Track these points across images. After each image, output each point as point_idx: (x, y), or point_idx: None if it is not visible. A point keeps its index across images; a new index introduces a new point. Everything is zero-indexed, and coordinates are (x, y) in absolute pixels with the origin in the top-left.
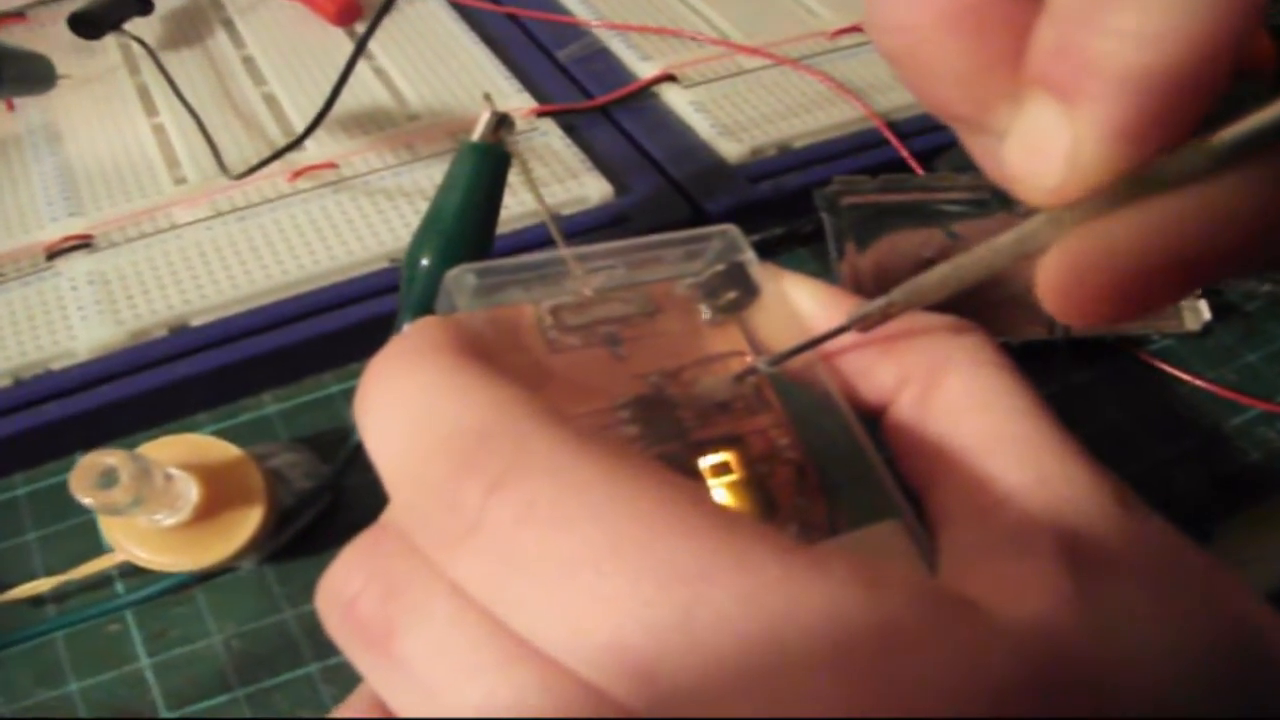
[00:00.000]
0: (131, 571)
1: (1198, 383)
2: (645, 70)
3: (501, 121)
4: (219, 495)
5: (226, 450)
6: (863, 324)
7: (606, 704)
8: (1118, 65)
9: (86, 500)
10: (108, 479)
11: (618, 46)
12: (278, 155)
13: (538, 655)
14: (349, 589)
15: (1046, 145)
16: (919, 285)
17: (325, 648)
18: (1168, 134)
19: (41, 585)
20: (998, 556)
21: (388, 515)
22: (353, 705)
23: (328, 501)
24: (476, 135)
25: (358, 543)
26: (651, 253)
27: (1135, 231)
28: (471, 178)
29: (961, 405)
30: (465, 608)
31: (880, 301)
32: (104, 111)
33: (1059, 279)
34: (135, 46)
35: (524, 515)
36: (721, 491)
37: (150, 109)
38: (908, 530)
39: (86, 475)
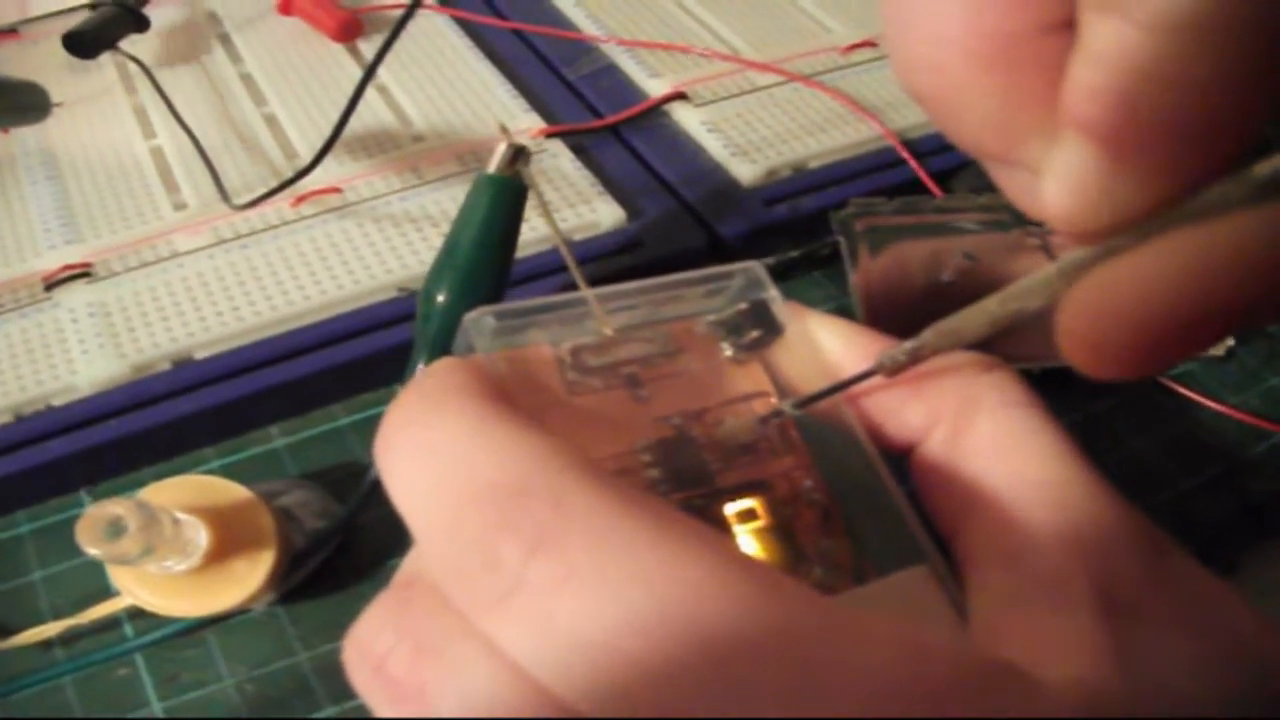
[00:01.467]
0: (141, 613)
1: (1221, 409)
2: (655, 88)
3: (518, 154)
4: (229, 539)
5: (236, 491)
6: (891, 369)
7: None
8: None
9: (94, 552)
10: (115, 529)
11: (626, 63)
12: (284, 186)
13: None
14: (379, 645)
15: (1087, 187)
16: (954, 329)
17: (340, 691)
18: (1208, 175)
19: (49, 630)
20: (1031, 607)
21: (414, 565)
22: None
23: (340, 541)
24: (493, 168)
25: (387, 596)
26: (672, 291)
27: (1169, 268)
28: (488, 212)
29: (992, 447)
30: (502, 668)
31: (910, 345)
32: (100, 134)
33: (1084, 326)
34: (131, 65)
35: (566, 578)
36: (748, 539)
37: (148, 131)
38: (936, 577)
39: (93, 526)
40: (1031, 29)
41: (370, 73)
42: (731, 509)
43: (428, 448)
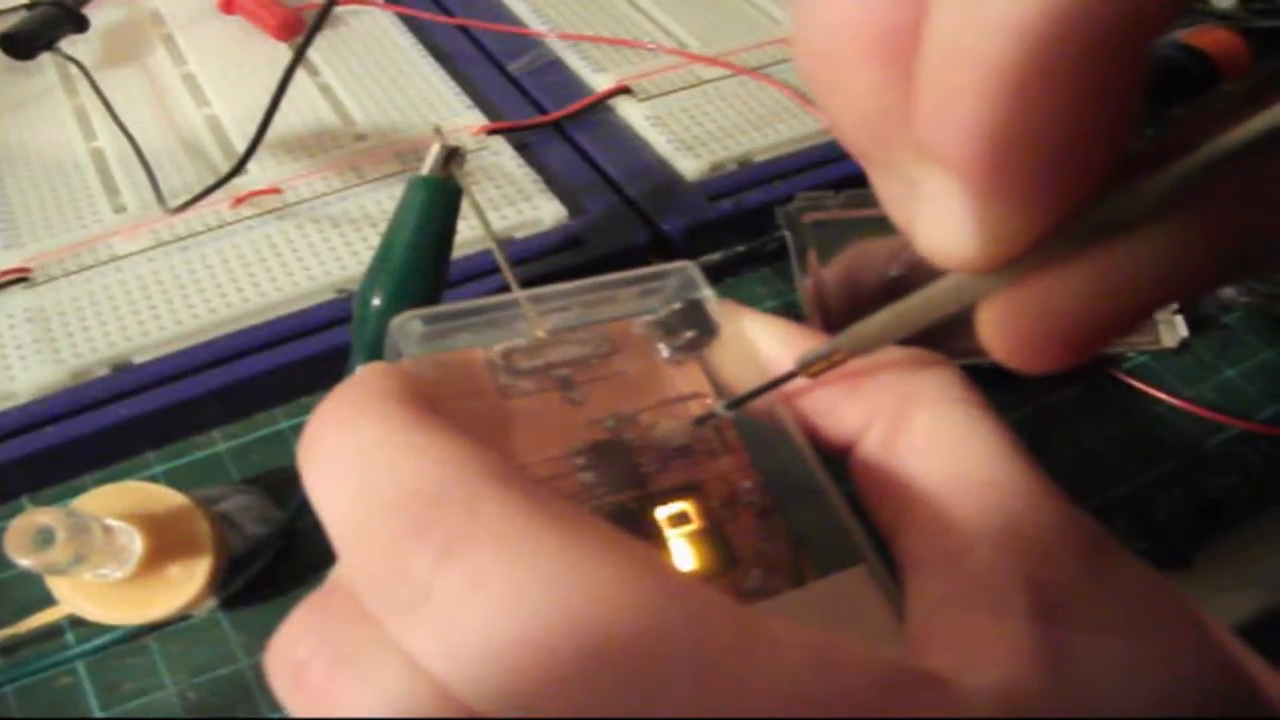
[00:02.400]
0: (83, 621)
1: (1176, 402)
2: (600, 82)
3: (452, 155)
4: (165, 546)
5: (171, 498)
6: (809, 370)
7: None
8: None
9: (24, 562)
10: (44, 538)
11: (571, 58)
12: (218, 185)
13: None
14: (297, 653)
15: (951, 218)
16: (862, 332)
17: None
18: (1077, 197)
19: None
20: (965, 610)
21: (336, 574)
22: None
23: (280, 546)
24: (426, 169)
25: (307, 604)
26: (607, 292)
27: (1074, 287)
28: (422, 214)
29: (929, 445)
30: (414, 677)
31: (824, 348)
32: (40, 136)
33: (1000, 337)
34: (72, 66)
35: (475, 585)
36: (680, 543)
37: (88, 133)
38: (874, 578)
39: (22, 536)
40: (920, 23)
41: (299, 56)
42: (664, 513)
43: (346, 453)
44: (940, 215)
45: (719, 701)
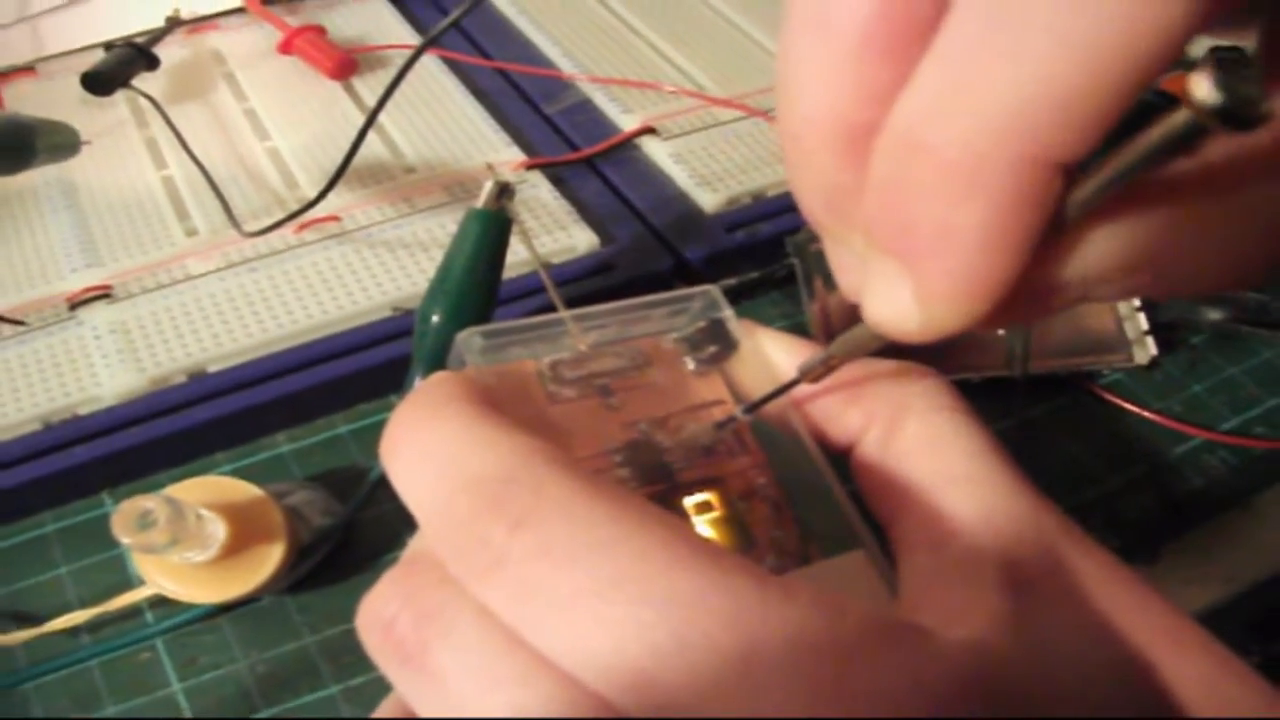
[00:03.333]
0: (160, 602)
1: (1146, 414)
2: (627, 123)
3: (503, 190)
4: (243, 533)
5: (249, 491)
6: (810, 376)
7: (610, 711)
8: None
9: (127, 540)
10: (145, 521)
11: (600, 100)
12: (292, 217)
13: (554, 669)
14: (387, 611)
15: (895, 300)
16: (850, 339)
17: (345, 670)
18: (1009, 284)
19: (78, 617)
20: (948, 584)
21: (417, 546)
22: (384, 710)
23: (341, 537)
24: (481, 202)
25: (394, 571)
26: (640, 312)
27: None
28: (477, 242)
29: (919, 447)
30: (491, 629)
31: (821, 355)
32: (115, 165)
33: None
34: (143, 100)
35: (542, 550)
36: (705, 527)
37: (159, 162)
38: (871, 560)
39: (127, 518)
40: (880, 124)
41: (373, 117)
42: (690, 501)
43: (428, 448)
44: (886, 295)
45: (744, 639)
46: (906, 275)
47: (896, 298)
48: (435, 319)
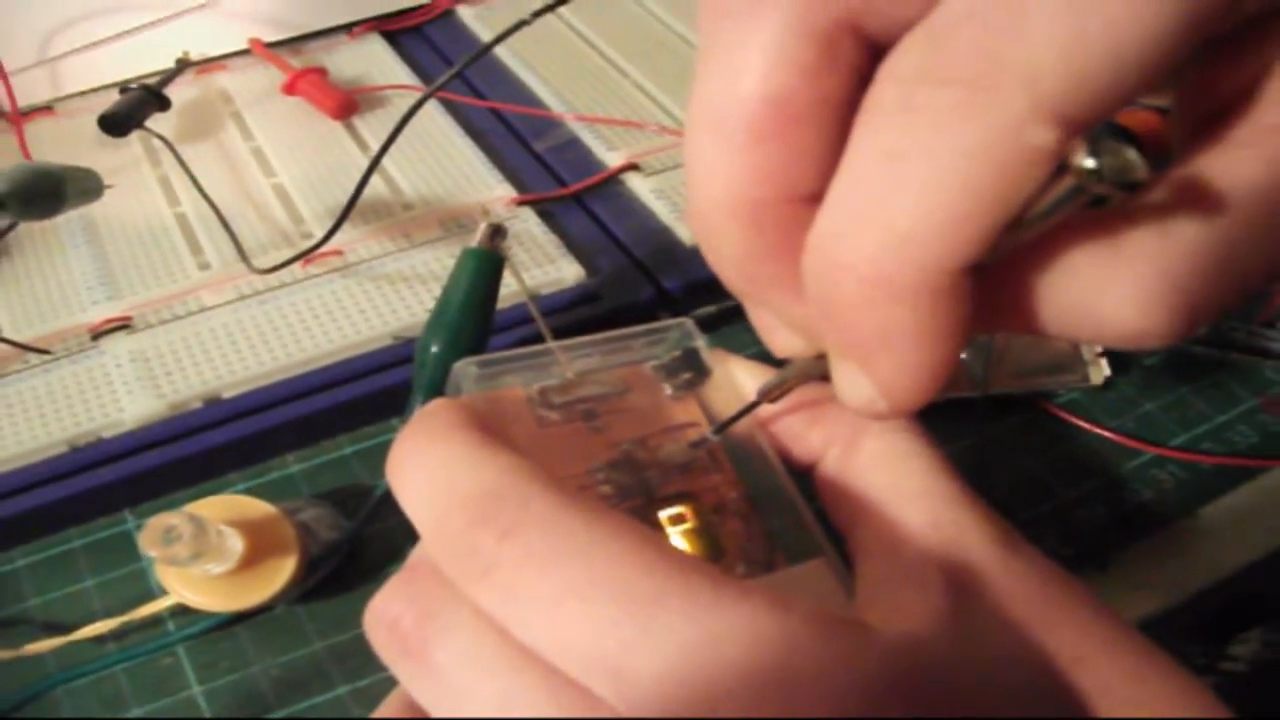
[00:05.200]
0: (181, 611)
1: (1100, 431)
2: (612, 160)
3: (496, 231)
4: (259, 547)
5: (263, 508)
6: (769, 397)
7: (587, 697)
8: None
9: (153, 554)
10: (171, 536)
11: (587, 137)
12: (303, 255)
13: (539, 661)
14: (392, 611)
15: (861, 391)
16: (806, 364)
17: (353, 673)
18: (955, 355)
19: (104, 626)
20: (897, 586)
21: (418, 554)
22: (389, 705)
23: (349, 550)
24: (476, 242)
25: (398, 577)
26: (622, 342)
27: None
28: (471, 278)
29: (875, 463)
30: (485, 627)
31: (776, 378)
32: (132, 202)
33: None
34: (155, 140)
35: (526, 557)
36: (678, 538)
37: (172, 199)
38: (831, 567)
39: (154, 533)
40: (777, 198)
41: (377, 161)
42: (666, 514)
43: (427, 468)
44: (852, 388)
45: (703, 632)
46: (863, 373)
47: (861, 390)
48: (434, 349)
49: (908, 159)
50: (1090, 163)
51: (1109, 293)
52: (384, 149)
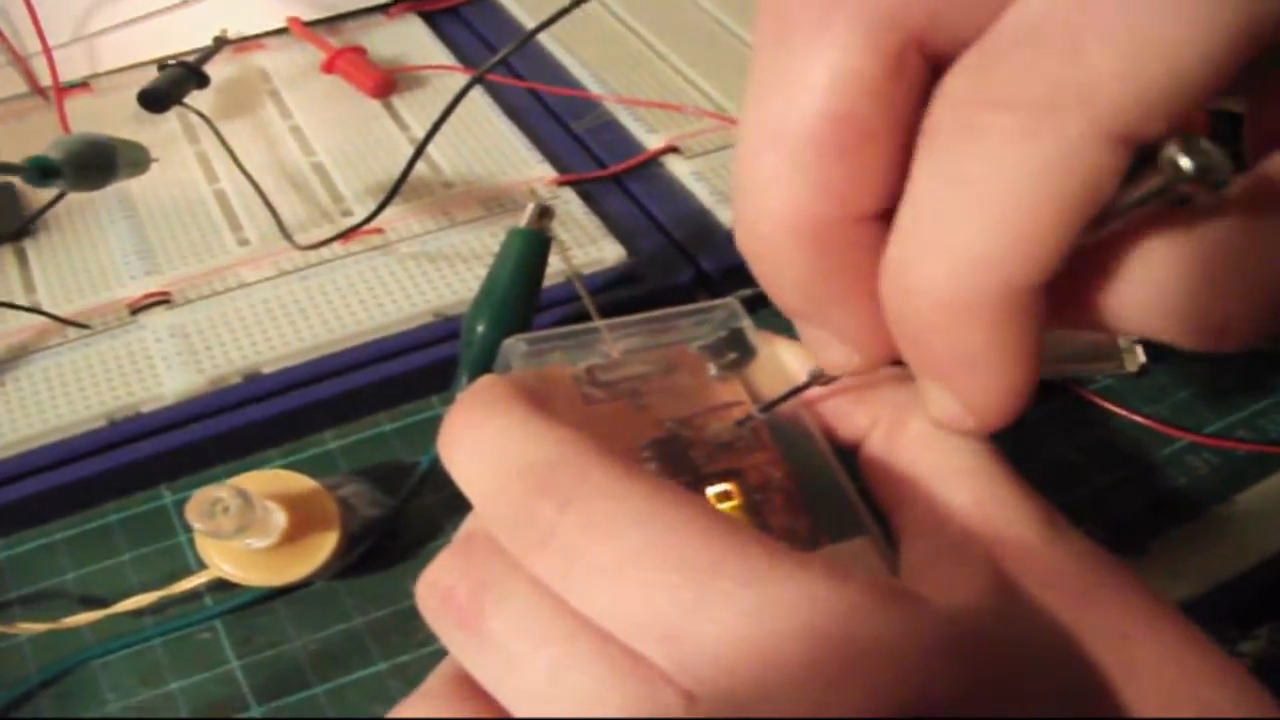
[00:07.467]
0: (219, 586)
1: (1135, 418)
2: (651, 142)
3: (544, 212)
4: (300, 522)
5: (306, 483)
6: (821, 380)
7: (642, 665)
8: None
9: (198, 525)
10: (216, 509)
11: (626, 119)
12: (346, 233)
13: (595, 628)
14: (446, 581)
15: (949, 411)
16: None
17: (392, 649)
18: (1035, 370)
19: (143, 600)
20: (942, 563)
21: (471, 526)
22: (437, 677)
23: (388, 527)
24: (524, 222)
25: (452, 548)
26: (667, 322)
27: None
28: (519, 258)
29: (919, 443)
30: (541, 596)
31: None
32: (170, 179)
33: None
34: (193, 117)
35: (586, 526)
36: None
37: (211, 176)
38: (875, 545)
39: (200, 505)
40: (842, 217)
41: (424, 145)
42: (711, 491)
43: (483, 440)
44: (940, 407)
45: (759, 598)
46: (948, 393)
47: (949, 409)
48: (480, 328)
49: (973, 183)
50: (1186, 162)
51: (1188, 291)
52: (431, 132)
